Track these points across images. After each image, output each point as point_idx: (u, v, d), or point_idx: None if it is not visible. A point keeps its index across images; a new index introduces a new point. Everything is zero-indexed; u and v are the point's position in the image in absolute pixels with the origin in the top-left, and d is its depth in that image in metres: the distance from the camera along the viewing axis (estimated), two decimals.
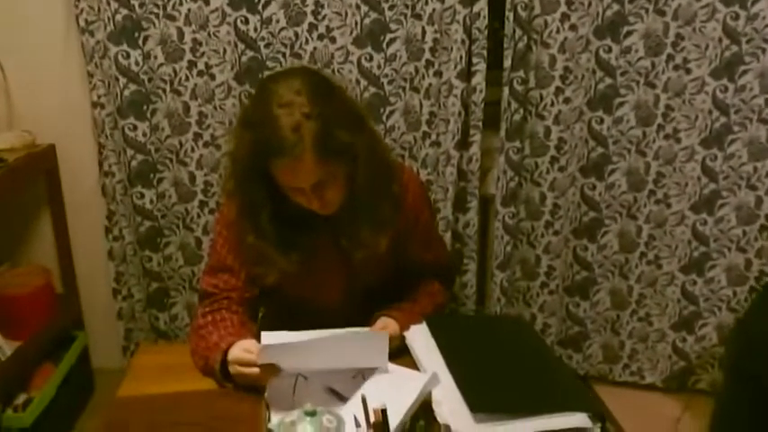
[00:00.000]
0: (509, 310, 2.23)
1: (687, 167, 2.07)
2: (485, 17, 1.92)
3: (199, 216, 2.14)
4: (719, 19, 1.91)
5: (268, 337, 1.29)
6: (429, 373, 1.16)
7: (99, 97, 2.00)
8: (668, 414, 2.20)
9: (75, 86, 2.08)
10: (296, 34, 1.94)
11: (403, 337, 1.33)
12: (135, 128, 2.04)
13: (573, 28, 1.95)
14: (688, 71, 1.98)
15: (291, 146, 1.18)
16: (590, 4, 1.93)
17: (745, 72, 1.96)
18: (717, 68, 1.96)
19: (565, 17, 1.94)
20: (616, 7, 1.94)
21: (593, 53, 1.99)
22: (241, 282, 1.43)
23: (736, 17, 1.89)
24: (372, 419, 0.92)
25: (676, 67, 1.98)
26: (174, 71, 1.98)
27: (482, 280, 2.26)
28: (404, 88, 2.01)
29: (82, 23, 1.93)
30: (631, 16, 1.95)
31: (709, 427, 1.41)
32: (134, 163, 2.07)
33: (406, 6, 1.93)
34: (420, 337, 1.30)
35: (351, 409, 1.06)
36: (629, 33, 1.96)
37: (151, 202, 2.12)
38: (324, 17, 1.93)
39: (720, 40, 1.93)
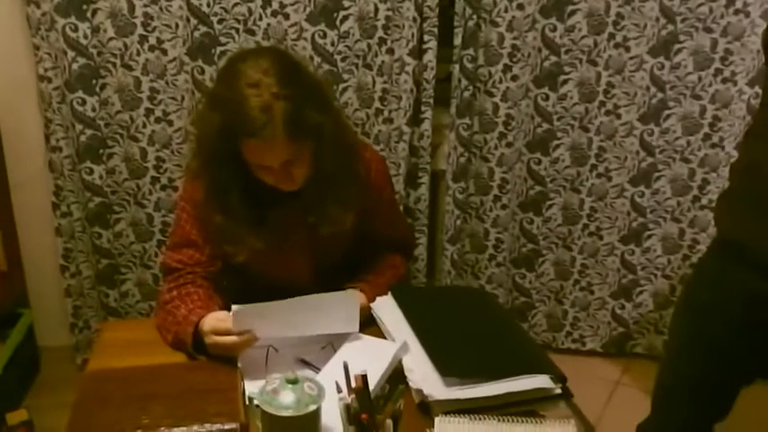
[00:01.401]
0: (458, 282, 2.30)
1: (627, 142, 2.17)
2: None
3: (150, 192, 2.12)
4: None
5: (237, 307, 1.31)
6: (399, 342, 1.21)
7: (45, 71, 1.95)
8: (608, 377, 2.33)
9: (19, 60, 2.02)
10: (249, 10, 1.94)
11: (370, 308, 1.37)
12: (84, 102, 2.00)
13: (520, 7, 2.01)
14: (627, 49, 2.07)
15: (261, 126, 1.20)
16: None
17: (679, 50, 2.06)
18: (654, 47, 2.05)
19: None
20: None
21: (539, 32, 2.05)
22: (205, 257, 1.44)
23: None
24: (354, 385, 0.97)
25: (617, 46, 2.07)
26: (125, 45, 1.95)
27: (432, 253, 2.32)
28: (357, 65, 2.03)
29: None
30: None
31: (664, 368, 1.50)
32: (83, 138, 2.04)
33: None
34: (387, 308, 1.35)
35: (329, 377, 1.09)
36: (572, 12, 2.04)
37: (101, 177, 2.09)
38: None
39: (658, 20, 2.02)
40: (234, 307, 1.24)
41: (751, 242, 1.27)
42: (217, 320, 1.27)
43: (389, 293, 1.39)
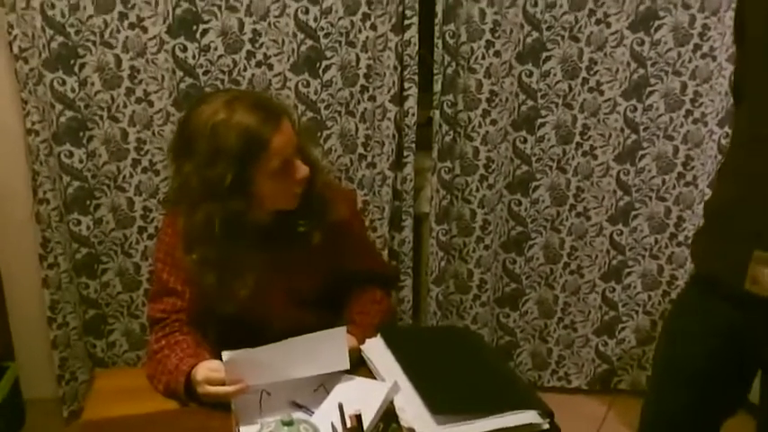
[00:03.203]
0: (444, 322, 2.33)
1: (603, 182, 2.23)
2: (415, 44, 2.03)
3: (138, 242, 2.14)
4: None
5: (228, 355, 1.33)
6: (390, 382, 1.24)
7: (33, 124, 1.98)
8: (594, 414, 2.35)
9: (7, 113, 2.05)
10: (234, 61, 2.00)
11: (360, 350, 1.39)
12: (71, 154, 2.03)
13: (497, 54, 2.08)
14: (601, 93, 2.14)
15: (265, 121, 1.30)
16: (512, 32, 2.07)
17: (651, 93, 2.14)
18: (626, 90, 2.13)
19: (489, 44, 2.06)
20: (535, 35, 2.08)
21: (515, 77, 2.12)
22: (187, 302, 1.46)
23: None
24: (349, 425, 0.99)
25: (591, 90, 2.14)
26: (112, 98, 2.00)
27: (417, 295, 2.35)
28: (340, 113, 2.09)
29: (15, 50, 1.92)
30: (549, 42, 2.09)
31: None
32: (70, 190, 2.06)
33: (341, 34, 2.01)
34: (377, 350, 1.37)
35: (323, 418, 1.11)
36: (547, 59, 2.11)
37: (88, 228, 2.11)
38: (261, 45, 1.99)
39: (629, 64, 2.10)
40: (224, 355, 1.26)
41: (724, 276, 1.32)
42: (209, 370, 1.29)
43: (379, 335, 1.41)
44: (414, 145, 2.12)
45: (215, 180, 1.29)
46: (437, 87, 2.09)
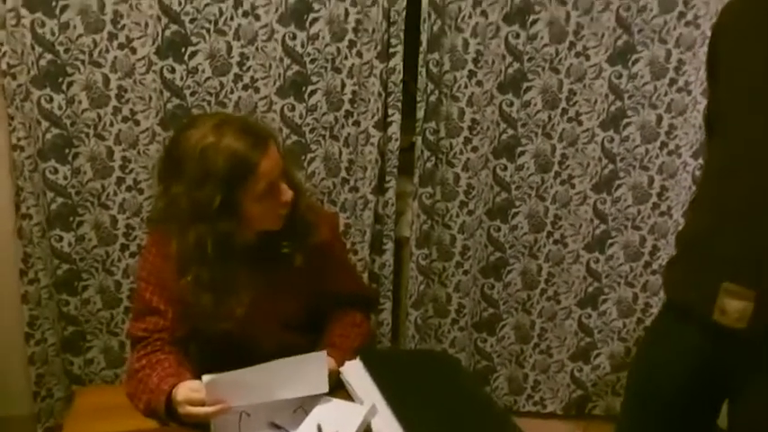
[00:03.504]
0: (422, 346, 2.35)
1: (581, 210, 2.27)
2: (400, 72, 2.07)
3: (119, 259, 2.15)
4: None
5: (209, 377, 1.35)
6: (368, 405, 1.26)
7: (19, 140, 1.99)
8: None
9: None
10: (221, 84, 2.02)
11: (339, 373, 1.42)
12: (56, 171, 2.04)
13: (479, 83, 2.12)
14: (579, 123, 2.19)
15: (254, 145, 1.34)
16: (494, 62, 2.12)
17: (628, 124, 2.19)
18: (604, 121, 2.18)
19: (472, 74, 2.11)
20: (517, 65, 2.13)
21: (497, 106, 2.17)
22: (169, 322, 1.48)
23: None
24: None
25: (570, 120, 2.19)
26: (99, 116, 2.01)
27: (397, 318, 2.37)
28: (324, 137, 2.12)
29: (4, 66, 1.93)
30: (529, 73, 2.15)
31: None
32: (54, 206, 2.07)
33: (327, 60, 2.05)
34: (356, 373, 1.40)
35: None
36: (528, 89, 2.16)
37: (70, 244, 2.11)
38: (249, 68, 2.02)
39: (607, 96, 2.16)
40: (205, 378, 1.28)
41: (695, 306, 1.36)
42: (190, 391, 1.30)
43: (358, 358, 1.44)
44: (396, 170, 2.16)
45: (204, 202, 1.31)
46: (420, 114, 2.13)
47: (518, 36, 2.09)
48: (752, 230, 1.29)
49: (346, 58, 2.05)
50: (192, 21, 1.95)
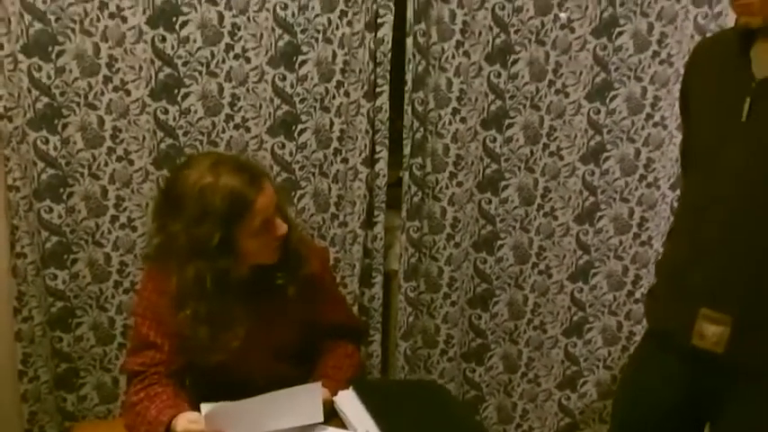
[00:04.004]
0: (412, 377, 2.39)
1: (564, 242, 2.34)
2: (386, 110, 2.14)
3: (113, 296, 2.18)
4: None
5: (208, 407, 1.39)
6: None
7: (14, 180, 2.04)
8: None
9: None
10: (213, 124, 2.08)
11: (332, 402, 1.46)
12: (51, 210, 2.08)
13: (463, 120, 2.20)
14: (561, 157, 2.27)
15: (250, 183, 1.39)
16: (477, 100, 2.19)
17: (607, 158, 2.27)
18: (585, 155, 2.26)
19: (456, 111, 2.18)
20: (499, 103, 2.21)
21: (480, 142, 2.24)
22: (166, 355, 1.51)
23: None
24: None
25: (551, 154, 2.27)
26: (93, 156, 2.06)
27: (386, 350, 2.41)
28: (314, 173, 2.18)
29: (1, 110, 1.98)
30: (511, 110, 2.22)
31: None
32: (48, 244, 2.10)
33: (315, 100, 2.11)
34: (349, 402, 1.44)
35: None
36: (510, 125, 2.24)
37: (64, 282, 2.15)
38: (240, 108, 2.08)
39: (586, 131, 2.24)
40: (203, 407, 1.32)
41: (674, 332, 1.42)
42: (189, 422, 1.34)
43: (351, 387, 1.48)
44: (384, 205, 2.22)
45: (203, 239, 1.37)
46: (406, 150, 2.19)
47: (499, 75, 2.17)
48: (726, 260, 1.36)
49: (334, 97, 2.12)
50: (184, 64, 2.02)
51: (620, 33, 2.16)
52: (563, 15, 2.15)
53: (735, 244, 1.35)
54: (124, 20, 1.96)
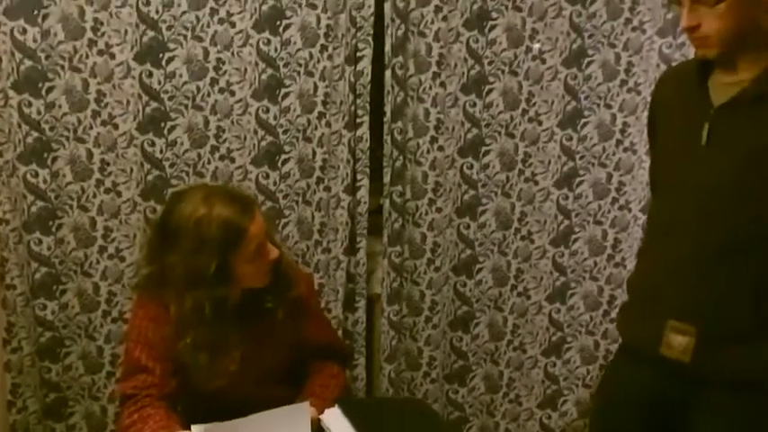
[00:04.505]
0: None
1: (541, 264, 2.42)
2: (366, 140, 2.22)
3: (102, 325, 2.22)
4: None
5: (199, 429, 1.43)
6: None
7: (5, 213, 2.08)
8: None
9: None
10: (199, 155, 2.15)
11: (319, 420, 1.51)
12: (40, 242, 2.13)
13: (441, 148, 2.28)
14: (536, 182, 2.35)
15: (242, 212, 1.45)
16: (454, 129, 2.27)
17: (580, 183, 2.36)
18: (558, 180, 2.34)
19: (433, 139, 2.27)
20: (475, 131, 2.29)
21: (458, 169, 2.32)
22: (158, 378, 1.56)
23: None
24: None
25: (526, 180, 2.35)
26: (82, 189, 2.11)
27: (370, 373, 2.46)
28: (297, 202, 2.24)
29: None
30: (487, 138, 2.31)
31: None
32: (37, 275, 2.15)
33: (298, 131, 2.19)
34: (336, 420, 1.49)
35: None
36: (486, 152, 2.32)
37: (53, 312, 2.19)
38: (225, 140, 2.15)
39: (560, 157, 2.33)
40: (195, 429, 1.37)
41: (644, 343, 1.49)
42: None
43: (337, 406, 1.53)
44: (366, 231, 2.29)
45: (200, 268, 1.43)
46: (387, 178, 2.27)
47: (475, 105, 2.26)
48: (690, 277, 1.44)
49: (316, 128, 2.20)
50: (171, 98, 2.09)
51: (590, 63, 2.27)
52: (536, 46, 2.25)
53: (699, 260, 1.43)
54: (112, 56, 2.04)
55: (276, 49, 2.11)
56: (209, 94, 2.11)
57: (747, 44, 1.38)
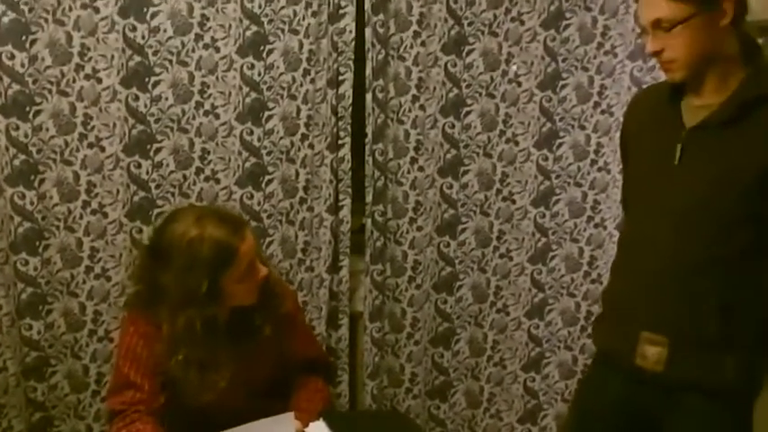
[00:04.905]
0: None
1: (519, 280, 2.47)
2: (348, 161, 2.28)
3: (87, 345, 2.24)
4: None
5: None
6: None
7: None
8: None
9: None
10: (184, 176, 2.19)
11: None
12: (26, 263, 2.15)
13: (421, 169, 2.34)
14: (513, 201, 2.41)
15: (233, 232, 1.50)
16: (433, 150, 2.34)
17: (557, 201, 2.43)
18: (535, 199, 2.41)
19: (414, 160, 2.33)
20: (454, 152, 2.36)
21: (438, 188, 2.38)
22: (146, 394, 1.60)
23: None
24: None
25: (504, 199, 2.41)
26: (69, 210, 2.15)
27: (354, 389, 2.50)
28: (281, 221, 2.29)
29: None
30: (465, 158, 2.37)
31: None
32: (23, 296, 2.17)
33: (281, 152, 2.24)
34: None
35: None
36: (465, 172, 2.38)
37: (39, 332, 2.21)
38: (209, 162, 2.20)
39: (536, 177, 2.39)
40: None
41: (619, 354, 1.55)
42: None
43: (322, 419, 1.57)
44: (348, 250, 2.34)
45: (192, 288, 1.48)
46: (368, 198, 2.32)
47: (453, 126, 2.33)
48: (662, 292, 1.51)
49: (299, 149, 2.25)
50: (156, 121, 2.13)
51: (564, 86, 2.35)
52: (513, 68, 2.33)
53: (671, 276, 1.49)
54: (99, 81, 2.09)
55: (260, 74, 2.17)
56: (194, 117, 2.16)
57: (714, 67, 1.44)
